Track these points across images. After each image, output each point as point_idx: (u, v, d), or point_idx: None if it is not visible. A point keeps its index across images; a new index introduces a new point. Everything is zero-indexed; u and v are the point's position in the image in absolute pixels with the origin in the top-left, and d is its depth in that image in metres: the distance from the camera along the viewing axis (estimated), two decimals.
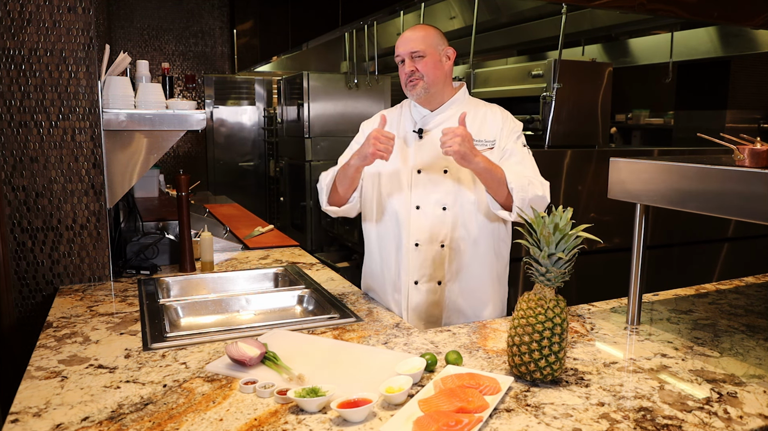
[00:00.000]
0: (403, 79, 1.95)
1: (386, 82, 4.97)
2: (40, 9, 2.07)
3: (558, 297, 1.38)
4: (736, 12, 3.30)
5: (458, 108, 1.98)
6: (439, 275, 1.98)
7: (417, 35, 1.91)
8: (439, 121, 1.98)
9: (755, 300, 2.07)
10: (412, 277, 1.98)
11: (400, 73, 1.96)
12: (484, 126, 1.98)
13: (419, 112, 2.02)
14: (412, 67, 1.90)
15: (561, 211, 1.35)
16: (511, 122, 2.00)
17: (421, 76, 1.91)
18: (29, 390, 1.34)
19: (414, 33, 1.93)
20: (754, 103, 4.39)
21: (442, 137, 1.77)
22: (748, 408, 1.27)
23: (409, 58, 1.91)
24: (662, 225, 3.52)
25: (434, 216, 1.95)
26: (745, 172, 1.38)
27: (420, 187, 1.96)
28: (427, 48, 1.90)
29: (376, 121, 2.07)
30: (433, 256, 1.97)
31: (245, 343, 1.46)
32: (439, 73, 1.93)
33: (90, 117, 2.16)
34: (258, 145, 6.95)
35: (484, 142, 1.95)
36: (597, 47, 4.81)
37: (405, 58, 1.92)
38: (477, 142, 1.91)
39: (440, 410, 1.19)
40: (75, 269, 2.21)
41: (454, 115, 1.96)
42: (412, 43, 1.90)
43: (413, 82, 1.92)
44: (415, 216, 1.96)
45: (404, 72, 1.93)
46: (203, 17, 6.83)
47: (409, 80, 1.92)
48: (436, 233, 1.96)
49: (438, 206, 1.95)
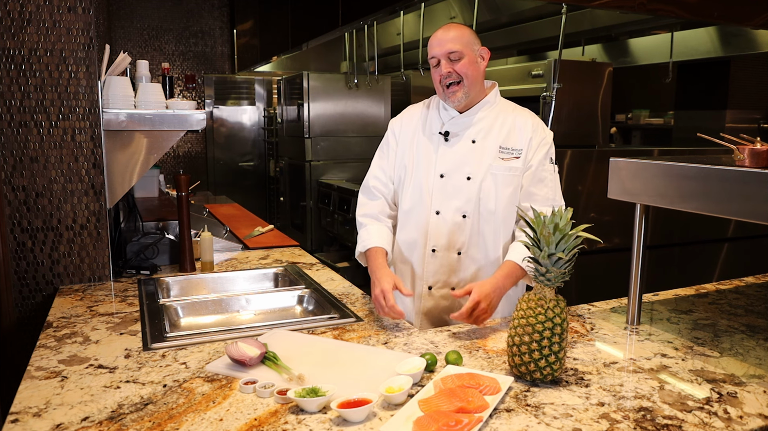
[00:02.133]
0: (439, 81, 1.86)
1: (386, 82, 4.97)
2: (40, 9, 2.07)
3: (558, 297, 1.38)
4: (736, 12, 3.30)
5: (488, 111, 1.93)
6: (453, 282, 1.95)
7: (453, 34, 1.82)
8: (467, 124, 1.92)
9: (755, 300, 2.07)
10: (427, 282, 1.96)
11: (434, 75, 1.87)
12: (512, 133, 1.91)
13: (448, 113, 1.95)
14: (449, 68, 1.81)
15: (561, 210, 1.35)
16: (542, 132, 1.93)
17: (460, 79, 1.83)
18: (29, 390, 1.34)
19: (449, 32, 1.83)
20: (754, 103, 4.39)
21: (467, 314, 1.68)
22: (748, 408, 1.27)
23: (446, 59, 1.81)
24: (662, 225, 3.52)
25: (453, 224, 1.91)
26: (745, 172, 1.38)
27: (441, 193, 1.91)
28: (464, 48, 1.81)
29: (404, 118, 2.05)
30: (449, 263, 1.94)
31: (245, 343, 1.46)
32: (477, 75, 1.86)
33: (90, 117, 2.16)
34: (258, 145, 6.95)
35: (511, 150, 1.89)
36: (597, 47, 4.80)
37: (441, 59, 1.82)
38: (503, 150, 1.88)
39: (440, 410, 1.19)
40: (75, 269, 2.21)
41: (483, 118, 1.91)
42: (449, 43, 1.81)
43: (452, 88, 1.84)
44: (434, 221, 1.92)
45: (440, 73, 1.84)
46: (203, 17, 6.83)
47: (447, 85, 1.84)
48: (454, 240, 1.92)
49: (458, 213, 1.90)
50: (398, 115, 2.10)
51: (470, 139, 1.91)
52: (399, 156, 2.02)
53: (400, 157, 2.01)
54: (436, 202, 1.92)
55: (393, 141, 2.05)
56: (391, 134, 2.06)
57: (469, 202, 1.90)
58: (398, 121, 2.08)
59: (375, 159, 2.09)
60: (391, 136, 2.06)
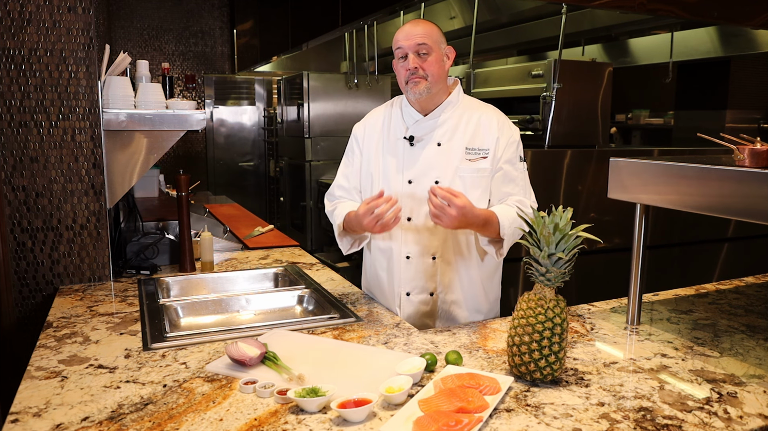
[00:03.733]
0: (403, 75, 1.83)
1: (386, 82, 4.97)
2: (40, 9, 2.07)
3: (558, 297, 1.38)
4: (736, 12, 3.30)
5: (452, 112, 1.90)
6: (430, 287, 1.94)
7: (422, 29, 1.79)
8: (431, 127, 1.89)
9: (755, 300, 2.07)
10: (404, 289, 1.95)
11: (399, 69, 1.84)
12: (478, 133, 1.88)
13: (411, 116, 1.91)
14: (417, 63, 1.78)
15: (561, 211, 1.35)
16: (508, 131, 1.90)
17: (425, 75, 1.79)
18: (29, 390, 1.34)
19: (418, 27, 1.80)
20: (754, 103, 4.39)
21: (432, 206, 1.67)
22: (748, 408, 1.27)
23: (414, 53, 1.78)
24: (662, 225, 3.52)
25: (425, 229, 1.90)
26: (745, 172, 1.38)
27: (411, 199, 1.89)
28: (433, 44, 1.79)
29: (367, 124, 2.02)
30: (424, 269, 1.92)
31: (245, 343, 1.46)
32: (442, 73, 1.83)
33: (90, 117, 2.16)
34: (258, 145, 6.95)
35: (477, 150, 1.87)
36: (597, 47, 4.81)
37: (409, 53, 1.79)
38: (469, 151, 1.86)
39: (440, 410, 1.19)
40: (75, 269, 2.21)
41: (447, 119, 1.89)
42: (417, 36, 1.78)
43: (416, 79, 1.80)
44: (406, 228, 1.92)
45: (406, 68, 1.80)
46: (203, 17, 6.83)
47: (411, 77, 1.80)
48: (428, 246, 1.91)
49: (429, 218, 1.86)
50: (361, 120, 2.06)
51: (436, 142, 1.88)
52: (364, 164, 2.00)
53: (366, 165, 1.99)
54: (406, 208, 1.89)
55: (357, 149, 2.02)
56: (354, 141, 2.04)
57: None
58: (361, 126, 2.04)
59: (341, 166, 2.06)
60: (354, 144, 2.03)
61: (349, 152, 2.05)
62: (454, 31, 3.93)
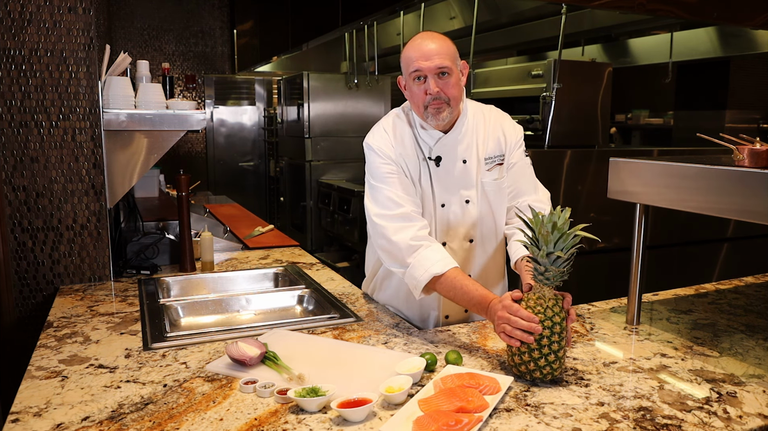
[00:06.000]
0: (422, 99, 1.67)
1: (386, 82, 4.97)
2: (41, 9, 2.07)
3: (557, 297, 1.38)
4: (735, 12, 3.30)
5: (468, 124, 1.81)
6: None
7: (440, 48, 1.65)
8: (454, 143, 1.78)
9: (755, 300, 2.07)
10: (444, 312, 1.92)
11: (416, 91, 1.68)
12: (490, 139, 1.83)
13: (430, 135, 1.77)
14: (439, 87, 1.64)
15: (559, 210, 1.35)
16: (513, 129, 1.87)
17: (447, 100, 1.66)
18: (30, 390, 1.34)
19: (435, 44, 1.65)
20: (753, 103, 4.39)
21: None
22: (748, 408, 1.27)
23: (435, 76, 1.64)
24: (662, 225, 3.52)
25: (462, 251, 1.86)
26: (744, 172, 1.38)
27: (444, 223, 1.82)
28: (452, 63, 1.66)
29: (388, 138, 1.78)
30: None
31: (245, 343, 1.46)
32: (461, 94, 1.73)
33: (90, 117, 2.17)
34: (258, 145, 6.95)
35: (493, 158, 1.83)
36: (597, 47, 4.81)
37: (429, 76, 1.65)
38: (488, 160, 1.82)
39: (440, 410, 1.20)
40: (75, 269, 2.21)
41: (467, 132, 1.80)
42: (438, 58, 1.63)
43: (438, 105, 1.66)
44: None
45: (426, 91, 1.66)
46: (203, 17, 6.83)
47: (432, 102, 1.66)
48: (464, 267, 1.86)
49: (465, 240, 1.85)
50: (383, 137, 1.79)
51: (461, 159, 1.80)
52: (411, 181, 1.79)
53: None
54: (440, 233, 1.83)
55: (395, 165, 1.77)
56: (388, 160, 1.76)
57: (473, 226, 1.84)
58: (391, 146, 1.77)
59: (385, 192, 1.73)
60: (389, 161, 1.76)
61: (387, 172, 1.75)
62: (454, 31, 3.92)
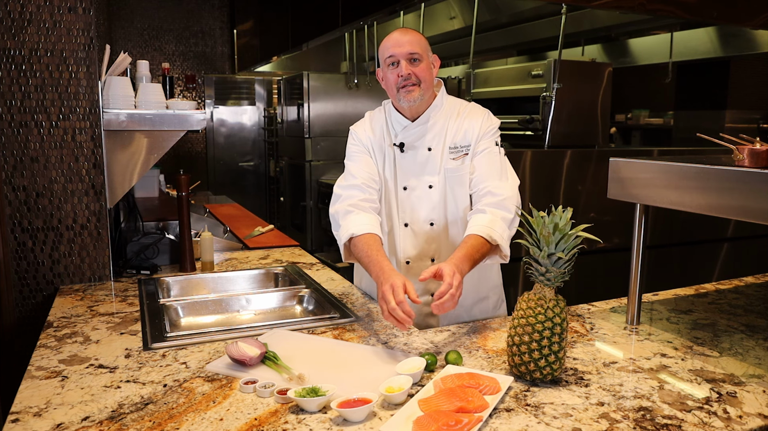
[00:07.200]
0: (394, 81, 1.84)
1: None
2: (41, 9, 2.07)
3: (558, 297, 1.38)
4: (736, 12, 3.31)
5: (439, 115, 1.92)
6: (432, 288, 1.93)
7: (412, 38, 1.83)
8: (421, 132, 1.91)
9: (755, 300, 2.07)
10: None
11: (390, 75, 1.85)
12: (461, 131, 1.91)
13: (399, 122, 1.93)
14: (410, 70, 1.81)
15: (560, 211, 1.35)
16: (487, 121, 1.92)
17: (418, 82, 1.82)
18: (30, 390, 1.34)
19: (407, 35, 1.84)
20: (753, 103, 4.40)
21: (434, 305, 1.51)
22: (748, 408, 1.27)
23: (407, 60, 1.81)
24: (662, 225, 3.52)
25: (423, 233, 1.93)
26: (744, 172, 1.38)
27: (407, 205, 1.93)
28: (422, 52, 1.83)
29: (366, 125, 2.00)
30: None
31: (245, 343, 1.46)
32: (432, 79, 1.87)
33: (90, 117, 2.17)
34: (258, 145, 6.96)
35: (460, 148, 1.90)
36: (597, 47, 4.81)
37: (401, 60, 1.82)
38: (453, 149, 1.89)
39: (440, 410, 1.20)
40: (75, 269, 2.21)
41: (435, 124, 1.91)
42: (409, 45, 1.81)
43: (409, 87, 1.82)
44: (404, 234, 1.94)
45: (398, 74, 1.82)
46: (203, 17, 6.83)
47: (404, 85, 1.82)
48: (426, 249, 1.94)
49: (426, 223, 1.92)
50: (360, 123, 2.03)
51: (426, 147, 1.91)
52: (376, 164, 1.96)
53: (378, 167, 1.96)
54: (402, 215, 1.94)
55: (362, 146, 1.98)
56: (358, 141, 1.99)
57: (434, 209, 1.91)
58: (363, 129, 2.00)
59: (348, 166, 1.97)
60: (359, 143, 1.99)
61: (355, 151, 1.99)
62: (454, 31, 3.93)
